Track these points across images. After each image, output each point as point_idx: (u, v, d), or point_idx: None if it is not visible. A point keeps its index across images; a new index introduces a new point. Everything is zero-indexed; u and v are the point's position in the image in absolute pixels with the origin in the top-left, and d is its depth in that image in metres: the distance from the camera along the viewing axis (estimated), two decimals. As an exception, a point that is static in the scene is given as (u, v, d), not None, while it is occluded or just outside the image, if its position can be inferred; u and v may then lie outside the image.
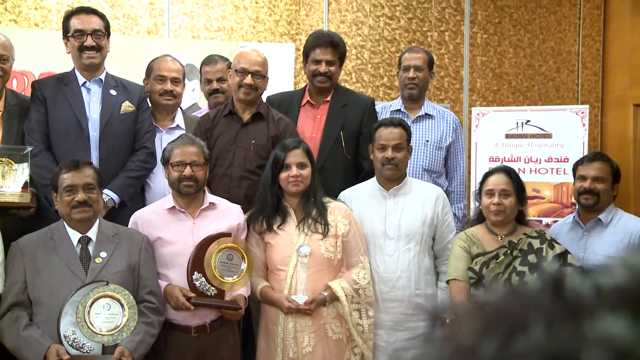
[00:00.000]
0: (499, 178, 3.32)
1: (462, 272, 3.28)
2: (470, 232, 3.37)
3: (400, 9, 6.39)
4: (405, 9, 6.40)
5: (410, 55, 4.21)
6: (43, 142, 3.48)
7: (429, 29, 6.47)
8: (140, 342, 2.92)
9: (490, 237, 3.33)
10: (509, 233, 3.33)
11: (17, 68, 3.81)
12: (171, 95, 3.82)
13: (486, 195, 3.33)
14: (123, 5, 5.72)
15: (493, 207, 3.28)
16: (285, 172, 3.26)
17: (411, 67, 4.16)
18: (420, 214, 3.46)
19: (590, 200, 3.49)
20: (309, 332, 3.20)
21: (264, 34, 6.01)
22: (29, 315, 2.91)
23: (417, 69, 4.16)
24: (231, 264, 3.15)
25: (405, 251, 3.40)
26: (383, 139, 3.45)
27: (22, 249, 2.99)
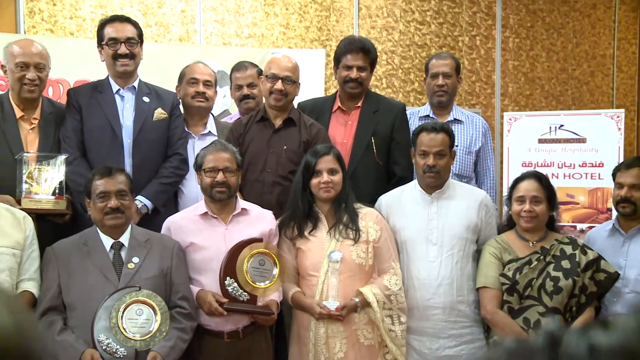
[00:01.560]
0: (529, 184, 3.28)
1: (492, 280, 3.25)
2: (500, 239, 3.33)
3: (431, 14, 6.37)
4: (436, 14, 6.38)
5: (437, 62, 4.18)
6: (78, 149, 3.53)
7: (460, 33, 6.44)
8: (172, 347, 2.93)
9: (522, 243, 3.30)
10: (540, 239, 3.29)
11: (53, 76, 3.86)
12: (203, 98, 3.84)
13: (517, 201, 3.29)
14: (155, 13, 5.79)
15: (524, 214, 3.25)
16: (317, 178, 3.26)
17: (439, 75, 4.13)
18: (465, 219, 3.41)
19: (628, 209, 3.43)
20: (341, 338, 3.19)
21: (294, 40, 6.04)
22: (63, 319, 2.95)
23: (446, 76, 4.13)
24: (263, 269, 3.16)
25: (448, 257, 3.35)
26: (424, 145, 3.38)
27: (56, 254, 3.03)
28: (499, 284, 3.23)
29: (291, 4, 6.08)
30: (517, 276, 3.19)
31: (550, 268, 3.19)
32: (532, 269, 3.20)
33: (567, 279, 3.16)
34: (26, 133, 3.48)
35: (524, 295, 3.19)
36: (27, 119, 3.49)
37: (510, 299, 3.20)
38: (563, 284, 3.15)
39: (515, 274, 3.20)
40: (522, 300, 3.20)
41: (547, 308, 3.13)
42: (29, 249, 3.05)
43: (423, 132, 3.41)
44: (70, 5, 5.68)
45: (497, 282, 3.23)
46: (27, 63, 3.41)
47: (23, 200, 3.27)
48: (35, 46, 3.51)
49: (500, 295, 3.23)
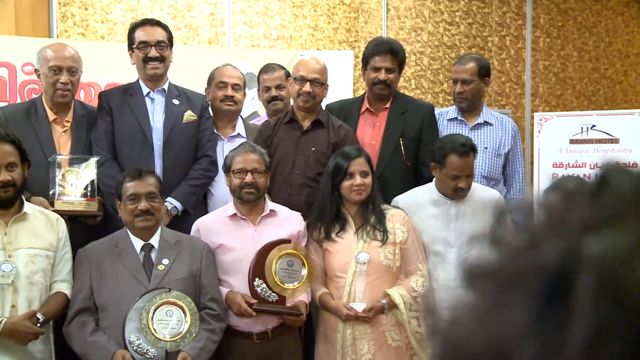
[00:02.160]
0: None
1: None
2: None
3: (460, 15, 6.33)
4: (465, 15, 6.34)
5: (458, 68, 4.11)
6: (109, 151, 3.57)
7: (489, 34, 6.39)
8: (202, 348, 2.96)
9: None
10: None
11: (84, 80, 3.92)
12: (232, 101, 3.86)
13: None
14: (185, 16, 5.84)
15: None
16: (349, 181, 3.25)
17: (458, 81, 4.06)
18: (483, 220, 3.39)
19: None
20: (369, 340, 3.19)
21: (322, 41, 6.04)
22: (95, 320, 2.99)
23: (465, 83, 4.05)
24: (291, 270, 3.16)
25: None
26: (455, 170, 3.33)
27: (88, 255, 3.06)
28: None
29: (319, 6, 6.08)
30: None
31: None
32: None
33: None
34: (59, 136, 3.53)
35: None
36: (59, 121, 3.54)
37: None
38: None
39: None
40: None
41: None
42: (62, 251, 3.09)
43: (453, 154, 3.33)
44: (101, 9, 5.76)
45: None
46: (60, 67, 3.46)
47: (56, 202, 3.31)
48: (67, 50, 3.55)
49: None
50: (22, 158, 3.04)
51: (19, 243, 2.97)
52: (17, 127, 3.35)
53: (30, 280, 2.94)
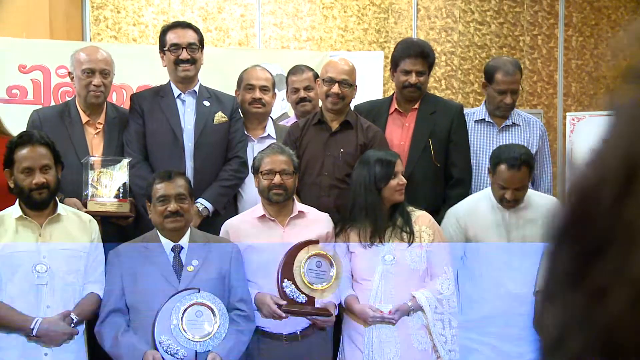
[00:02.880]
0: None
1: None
2: None
3: (491, 14, 6.28)
4: (496, 14, 6.28)
5: (506, 79, 3.92)
6: (141, 153, 3.60)
7: (520, 33, 6.33)
8: (231, 349, 2.97)
9: None
10: None
11: (116, 82, 3.96)
12: (260, 104, 3.87)
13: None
14: (215, 18, 5.88)
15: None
16: (394, 181, 3.24)
17: (508, 92, 3.94)
18: (542, 227, 3.36)
19: None
20: (395, 343, 3.17)
21: (352, 42, 6.04)
22: (126, 321, 3.02)
23: (514, 93, 3.96)
24: (320, 271, 3.16)
25: (532, 266, 3.30)
26: (502, 180, 3.34)
27: (119, 257, 3.10)
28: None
29: (349, 7, 6.08)
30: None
31: None
32: None
33: None
34: (91, 137, 3.57)
35: None
36: (92, 123, 3.59)
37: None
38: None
39: None
40: None
41: None
42: (94, 252, 3.13)
43: (503, 165, 3.32)
44: (133, 12, 5.82)
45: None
46: (93, 69, 3.51)
47: (89, 203, 3.35)
48: (100, 53, 3.60)
49: None
50: (56, 160, 3.09)
51: (53, 244, 3.01)
52: (51, 130, 3.40)
53: (64, 281, 2.99)
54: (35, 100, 4.96)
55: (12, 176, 3.02)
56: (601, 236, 0.44)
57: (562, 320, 0.46)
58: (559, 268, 0.48)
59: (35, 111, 3.69)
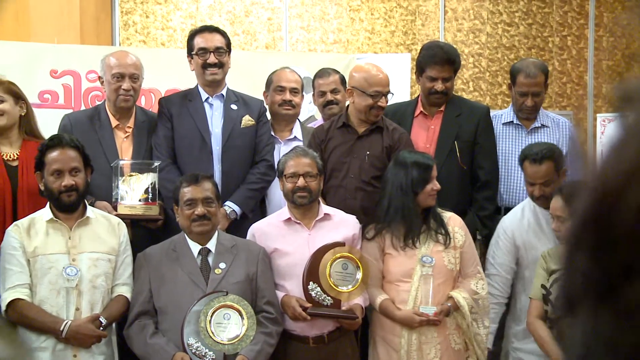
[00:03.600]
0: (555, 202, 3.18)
1: (536, 290, 3.21)
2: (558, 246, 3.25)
3: (520, 15, 6.23)
4: (525, 15, 6.23)
5: (528, 81, 3.89)
6: (169, 156, 3.63)
7: (550, 34, 6.26)
8: (259, 351, 2.98)
9: None
10: None
11: (145, 86, 4.00)
12: (290, 105, 3.90)
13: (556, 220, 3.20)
14: (243, 21, 5.91)
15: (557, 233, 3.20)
16: (430, 185, 3.24)
17: (530, 95, 3.90)
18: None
19: None
20: (435, 344, 3.17)
21: (379, 45, 6.03)
22: (155, 323, 3.04)
23: (535, 95, 3.92)
24: (346, 273, 3.16)
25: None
26: (529, 177, 3.40)
27: (147, 259, 3.12)
28: (541, 294, 3.19)
29: (376, 9, 6.07)
30: (552, 286, 3.11)
31: None
32: None
33: None
34: (121, 141, 3.61)
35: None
36: (121, 127, 3.63)
37: (547, 308, 3.14)
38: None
39: (553, 284, 3.11)
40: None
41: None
42: (123, 255, 3.16)
43: (527, 160, 3.40)
44: (162, 17, 5.88)
45: (540, 293, 3.19)
46: (123, 74, 3.54)
47: (118, 206, 3.39)
48: (129, 57, 3.64)
49: (542, 306, 3.18)
50: (85, 163, 3.13)
51: (82, 247, 3.05)
52: (81, 134, 3.44)
53: (93, 284, 3.02)
54: (66, 105, 5.03)
55: (43, 179, 3.06)
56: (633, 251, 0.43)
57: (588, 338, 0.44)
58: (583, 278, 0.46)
59: (66, 115, 3.74)
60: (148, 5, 5.90)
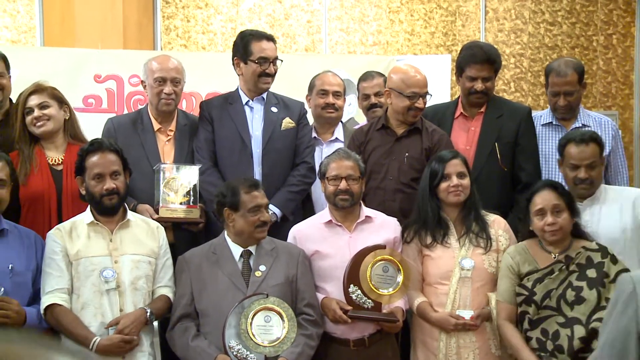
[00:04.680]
0: (547, 194, 3.04)
1: (506, 294, 3.07)
2: (522, 247, 3.12)
3: (563, 14, 6.13)
4: (568, 14, 6.14)
5: (558, 80, 3.84)
6: (210, 159, 3.65)
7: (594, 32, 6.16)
8: (300, 354, 2.98)
9: (544, 254, 3.07)
10: (564, 250, 3.04)
11: (186, 90, 4.04)
12: (333, 109, 3.92)
13: (537, 216, 3.05)
14: (282, 24, 5.94)
15: (548, 227, 3.01)
16: (445, 183, 3.22)
17: (561, 94, 3.84)
18: (619, 222, 3.26)
19: None
20: (474, 349, 3.14)
21: (419, 46, 6.00)
22: (196, 326, 3.06)
23: (568, 95, 3.85)
24: (387, 276, 3.14)
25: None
26: (574, 159, 3.29)
27: (188, 262, 3.14)
28: (511, 298, 3.05)
29: (416, 11, 6.04)
30: (536, 287, 3.00)
31: (573, 277, 2.96)
32: (552, 279, 2.99)
33: (590, 289, 2.91)
34: (163, 144, 3.65)
35: (542, 305, 2.98)
36: (163, 131, 3.66)
37: (528, 309, 3.01)
38: (586, 294, 2.90)
39: (535, 284, 3.01)
40: (539, 311, 2.99)
41: (566, 318, 2.91)
42: (163, 258, 3.18)
43: (571, 143, 3.31)
44: (202, 21, 5.94)
45: (511, 296, 3.06)
46: (165, 78, 3.58)
47: (160, 209, 3.42)
48: (171, 62, 3.67)
49: (513, 309, 3.05)
50: (124, 166, 3.16)
51: (123, 249, 3.08)
52: (124, 137, 3.49)
53: (134, 286, 3.05)
54: (109, 109, 5.12)
55: (84, 183, 3.10)
56: None
57: None
58: None
59: (110, 119, 3.79)
60: (189, 9, 5.97)
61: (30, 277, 3.02)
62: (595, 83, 6.14)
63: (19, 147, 3.35)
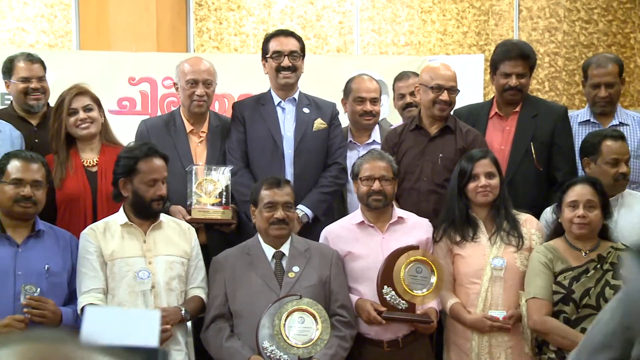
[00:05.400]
0: (583, 188, 3.04)
1: (542, 290, 3.01)
2: (550, 247, 3.09)
3: (599, 12, 6.04)
4: (604, 11, 6.04)
5: (599, 71, 3.83)
6: (242, 160, 3.66)
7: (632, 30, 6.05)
8: (333, 355, 2.98)
9: (574, 252, 3.05)
10: (593, 248, 3.03)
11: (219, 91, 4.05)
12: (371, 115, 3.90)
13: (569, 207, 3.04)
14: (314, 25, 5.94)
15: (577, 220, 3.01)
16: (474, 183, 3.19)
17: (602, 85, 3.81)
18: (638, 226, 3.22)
19: None
20: (506, 348, 3.12)
21: (451, 46, 5.96)
22: (230, 326, 3.08)
23: (609, 86, 3.81)
24: (420, 276, 3.13)
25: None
26: (615, 154, 3.31)
27: (222, 264, 3.16)
28: (549, 294, 3.00)
29: (448, 10, 6.00)
30: (573, 285, 2.96)
31: (609, 276, 2.94)
32: (589, 278, 2.95)
33: None
34: (195, 146, 3.67)
35: (581, 304, 2.94)
36: (196, 132, 3.68)
37: (565, 308, 2.97)
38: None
39: (572, 283, 2.96)
40: (578, 310, 2.95)
41: None
42: (195, 259, 3.20)
43: (607, 139, 3.33)
44: (234, 22, 5.97)
45: (547, 293, 3.00)
46: (197, 80, 3.60)
47: (193, 210, 3.43)
48: (203, 63, 3.69)
49: (550, 306, 3.00)
50: None
51: (157, 250, 3.10)
52: (157, 139, 3.52)
53: (169, 287, 3.07)
54: (143, 111, 5.17)
55: (129, 185, 3.10)
56: None
57: None
58: None
59: (143, 121, 3.82)
60: (221, 12, 6.01)
61: (65, 277, 3.06)
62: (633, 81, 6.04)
63: (55, 149, 3.39)
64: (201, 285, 3.18)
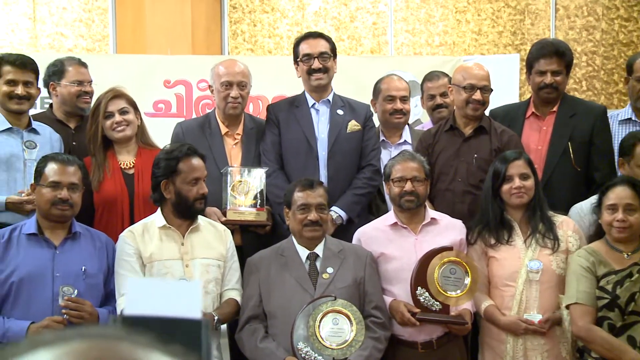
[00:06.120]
0: (623, 191, 2.97)
1: (585, 295, 2.93)
2: (592, 250, 3.02)
3: (639, 9, 5.92)
4: (644, 9, 5.92)
5: None
6: (277, 162, 3.68)
7: (672, 28, 5.92)
8: (368, 357, 2.97)
9: (616, 254, 2.98)
10: (635, 250, 2.96)
11: (253, 93, 4.08)
12: (401, 114, 3.89)
13: (608, 210, 2.98)
14: (348, 27, 5.94)
15: (617, 223, 2.94)
16: (508, 184, 3.16)
17: None
18: None
19: None
20: (542, 352, 3.08)
21: (486, 46, 5.91)
22: (264, 327, 3.09)
23: None
24: (454, 278, 3.11)
25: None
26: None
27: (256, 265, 3.17)
28: (592, 300, 2.92)
29: (483, 10, 5.95)
30: (617, 290, 2.88)
31: None
32: (633, 282, 2.87)
33: None
34: (230, 148, 3.69)
35: (627, 311, 2.86)
36: (230, 134, 3.71)
37: (610, 315, 2.89)
38: None
39: (616, 287, 2.89)
40: (624, 317, 2.87)
41: None
42: (230, 261, 3.22)
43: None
44: (268, 25, 6.00)
45: (591, 298, 2.93)
46: (231, 82, 3.62)
47: (228, 212, 3.46)
48: (238, 66, 3.71)
49: (595, 312, 2.92)
50: None
51: (194, 253, 3.12)
52: (192, 141, 3.53)
53: (205, 290, 3.08)
54: (178, 114, 5.22)
55: (171, 186, 3.12)
56: None
57: None
58: None
59: (179, 124, 3.86)
60: (255, 14, 6.04)
61: (102, 278, 3.10)
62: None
63: (92, 151, 3.44)
64: (236, 287, 3.20)
